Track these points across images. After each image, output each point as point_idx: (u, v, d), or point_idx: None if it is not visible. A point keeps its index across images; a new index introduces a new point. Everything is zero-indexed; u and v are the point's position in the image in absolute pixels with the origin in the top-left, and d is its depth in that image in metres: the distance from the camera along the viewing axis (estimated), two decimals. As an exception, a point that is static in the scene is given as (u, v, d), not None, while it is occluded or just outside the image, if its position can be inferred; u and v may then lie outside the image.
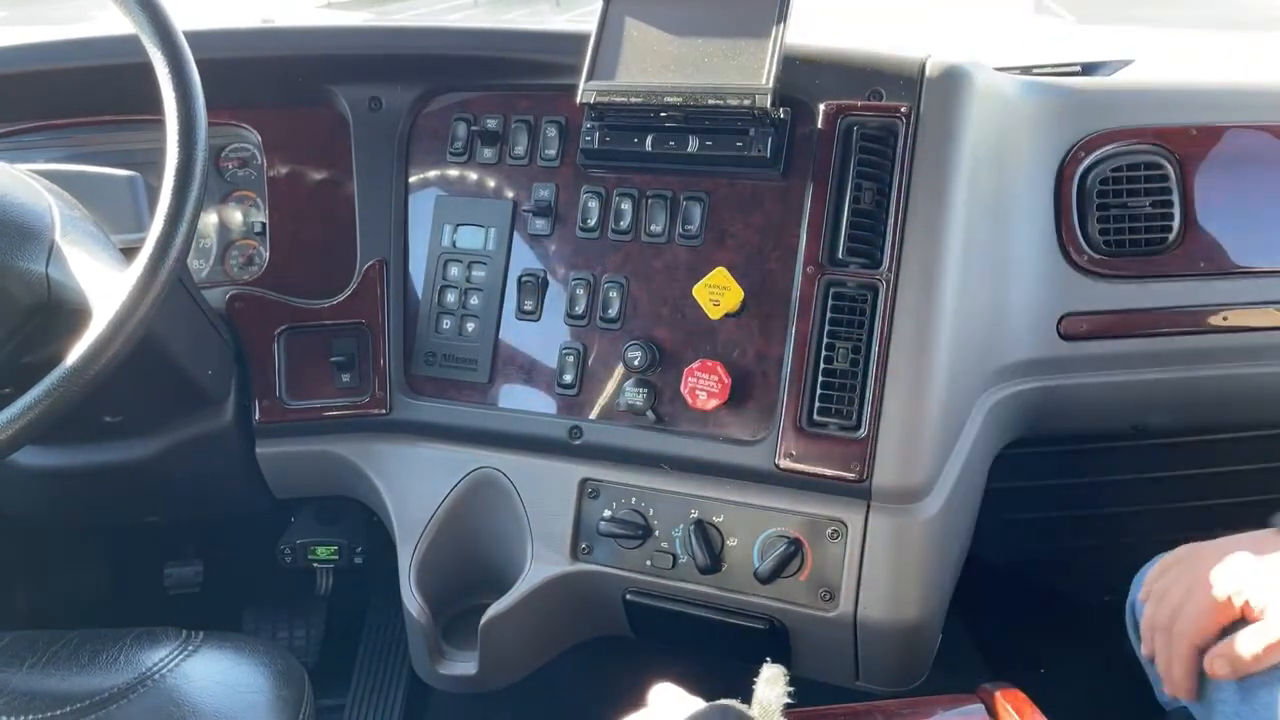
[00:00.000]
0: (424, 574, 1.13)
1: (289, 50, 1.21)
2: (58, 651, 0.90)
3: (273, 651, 0.96)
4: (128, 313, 0.78)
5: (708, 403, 1.02)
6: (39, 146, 1.23)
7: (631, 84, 1.01)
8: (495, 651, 1.10)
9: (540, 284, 1.12)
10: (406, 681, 1.49)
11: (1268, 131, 1.15)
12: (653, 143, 1.04)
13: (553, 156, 1.13)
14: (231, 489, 1.26)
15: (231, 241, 1.26)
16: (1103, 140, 1.11)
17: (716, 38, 1.00)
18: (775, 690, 0.61)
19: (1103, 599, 1.08)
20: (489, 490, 1.14)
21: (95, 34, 1.19)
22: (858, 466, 0.97)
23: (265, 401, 1.18)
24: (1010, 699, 0.77)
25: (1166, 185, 1.11)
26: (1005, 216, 1.06)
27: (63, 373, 0.77)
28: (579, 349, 1.10)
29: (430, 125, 1.19)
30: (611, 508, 1.08)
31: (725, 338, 1.04)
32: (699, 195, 1.06)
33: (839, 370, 0.98)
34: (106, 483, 1.21)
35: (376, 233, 1.19)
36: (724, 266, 1.04)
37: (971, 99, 1.00)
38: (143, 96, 0.88)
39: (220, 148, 1.25)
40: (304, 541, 1.39)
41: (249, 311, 1.17)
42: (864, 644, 1.02)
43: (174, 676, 0.87)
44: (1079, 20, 4.41)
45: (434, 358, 1.16)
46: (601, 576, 1.09)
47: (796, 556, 1.01)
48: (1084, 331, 1.11)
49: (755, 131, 1.01)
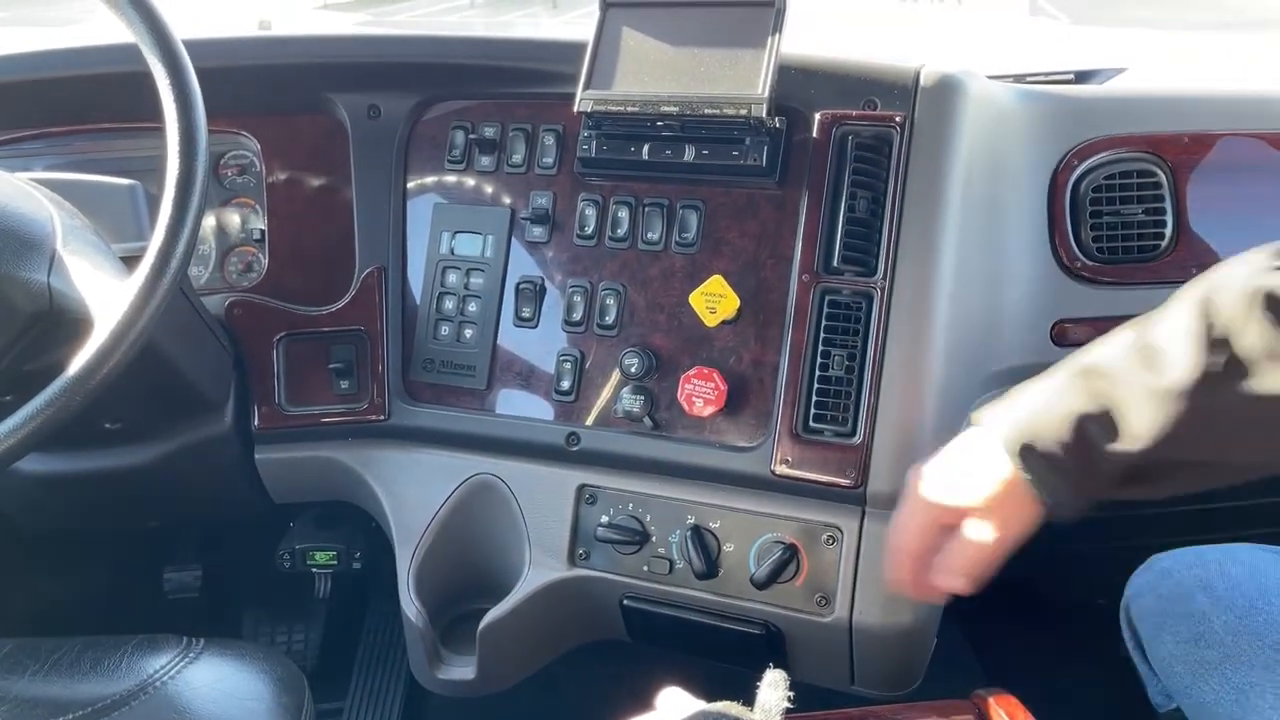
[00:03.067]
0: (422, 579, 1.14)
1: (288, 58, 1.22)
2: (60, 659, 0.90)
3: (273, 658, 0.96)
4: (129, 322, 0.78)
5: (704, 409, 1.03)
6: (39, 154, 1.24)
7: (628, 93, 1.02)
8: (493, 656, 1.11)
9: (538, 291, 1.13)
10: (405, 686, 1.50)
11: (1260, 139, 1.16)
12: (649, 151, 1.05)
13: (550, 164, 1.13)
14: (231, 494, 1.26)
15: (230, 248, 1.27)
16: (1096, 148, 1.12)
17: (713, 47, 1.00)
18: (776, 694, 0.62)
19: (1098, 603, 1.09)
20: (487, 496, 1.14)
21: (95, 42, 1.19)
22: (853, 473, 0.98)
23: (264, 408, 1.18)
24: (1004, 704, 0.77)
25: (1159, 193, 1.12)
26: (999, 224, 1.07)
27: (65, 382, 0.77)
28: (576, 356, 1.10)
29: (428, 133, 1.19)
30: (609, 513, 1.09)
31: (721, 345, 1.05)
32: (695, 203, 1.07)
33: (834, 377, 0.99)
34: (106, 488, 1.22)
35: (375, 240, 1.19)
36: (720, 274, 1.05)
37: (965, 108, 1.01)
38: (143, 104, 0.89)
39: (219, 155, 1.26)
40: (303, 547, 1.40)
41: (248, 318, 1.18)
42: (859, 649, 1.03)
43: (175, 684, 0.88)
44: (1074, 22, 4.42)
45: (432, 364, 1.17)
46: (599, 582, 1.09)
47: (792, 562, 1.02)
48: (1078, 338, 1.12)
49: (751, 140, 1.02)
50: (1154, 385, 0.71)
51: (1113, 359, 0.75)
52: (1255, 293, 0.70)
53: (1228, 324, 0.70)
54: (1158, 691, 0.97)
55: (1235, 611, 0.88)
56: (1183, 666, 0.89)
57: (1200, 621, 0.89)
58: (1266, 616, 0.86)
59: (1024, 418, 0.76)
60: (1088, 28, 4.05)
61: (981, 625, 1.54)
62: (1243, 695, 0.82)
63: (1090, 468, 0.74)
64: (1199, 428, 0.71)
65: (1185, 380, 0.70)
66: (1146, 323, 0.75)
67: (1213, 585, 0.91)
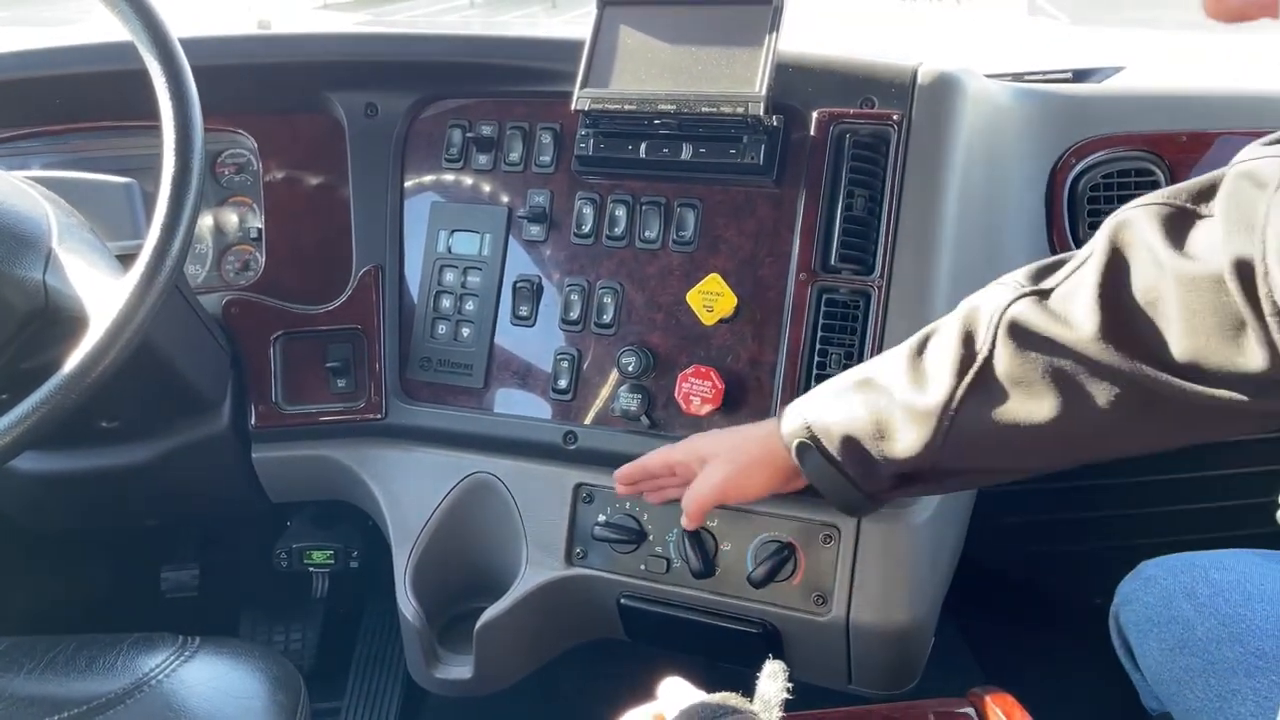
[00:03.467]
0: (419, 578, 1.14)
1: (285, 57, 1.22)
2: (55, 657, 0.90)
3: (269, 657, 0.96)
4: (125, 320, 0.78)
5: (701, 408, 1.03)
6: (36, 153, 1.24)
7: (625, 91, 1.02)
8: (490, 655, 1.11)
9: (535, 289, 1.13)
10: (402, 685, 1.49)
11: (1258, 138, 1.16)
12: (647, 149, 1.05)
13: (548, 163, 1.13)
14: (228, 493, 1.26)
15: (227, 247, 1.27)
16: (1094, 147, 1.12)
17: (710, 45, 1.00)
18: (775, 685, 0.62)
19: (1094, 602, 1.09)
20: (484, 495, 1.14)
21: (92, 40, 1.19)
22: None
23: (261, 406, 1.18)
24: (1000, 703, 0.77)
25: (1157, 191, 1.12)
26: (997, 222, 1.07)
27: (60, 379, 0.77)
28: (574, 354, 1.10)
29: (426, 131, 1.19)
30: (606, 512, 1.09)
31: (719, 343, 1.05)
32: (693, 202, 1.07)
33: (831, 376, 0.99)
34: (103, 487, 1.22)
35: (372, 238, 1.19)
36: (717, 273, 1.05)
37: (963, 106, 1.01)
38: (140, 102, 0.89)
39: (216, 153, 1.26)
40: (300, 546, 1.39)
41: (245, 317, 1.18)
42: (856, 648, 1.03)
43: (170, 682, 0.88)
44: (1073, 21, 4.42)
45: (429, 363, 1.17)
46: (596, 581, 1.09)
47: (789, 561, 1.01)
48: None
49: (748, 139, 1.02)
50: (917, 405, 0.76)
51: (889, 373, 0.79)
52: (1004, 319, 0.72)
53: (980, 348, 0.73)
54: (1149, 696, 0.97)
55: (1218, 618, 0.88)
56: (1168, 674, 0.89)
57: (1184, 628, 0.90)
58: (1249, 623, 0.86)
59: (812, 419, 0.82)
60: (1086, 27, 4.05)
61: (979, 624, 1.54)
62: (1225, 703, 0.82)
63: (867, 470, 0.80)
64: (959, 444, 0.75)
65: (940, 401, 0.74)
66: (924, 335, 0.79)
67: (1197, 592, 0.91)
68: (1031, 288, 0.73)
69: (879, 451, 0.79)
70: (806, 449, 0.82)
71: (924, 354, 0.78)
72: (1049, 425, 0.71)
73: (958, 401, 0.74)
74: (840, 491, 0.83)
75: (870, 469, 0.81)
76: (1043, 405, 0.70)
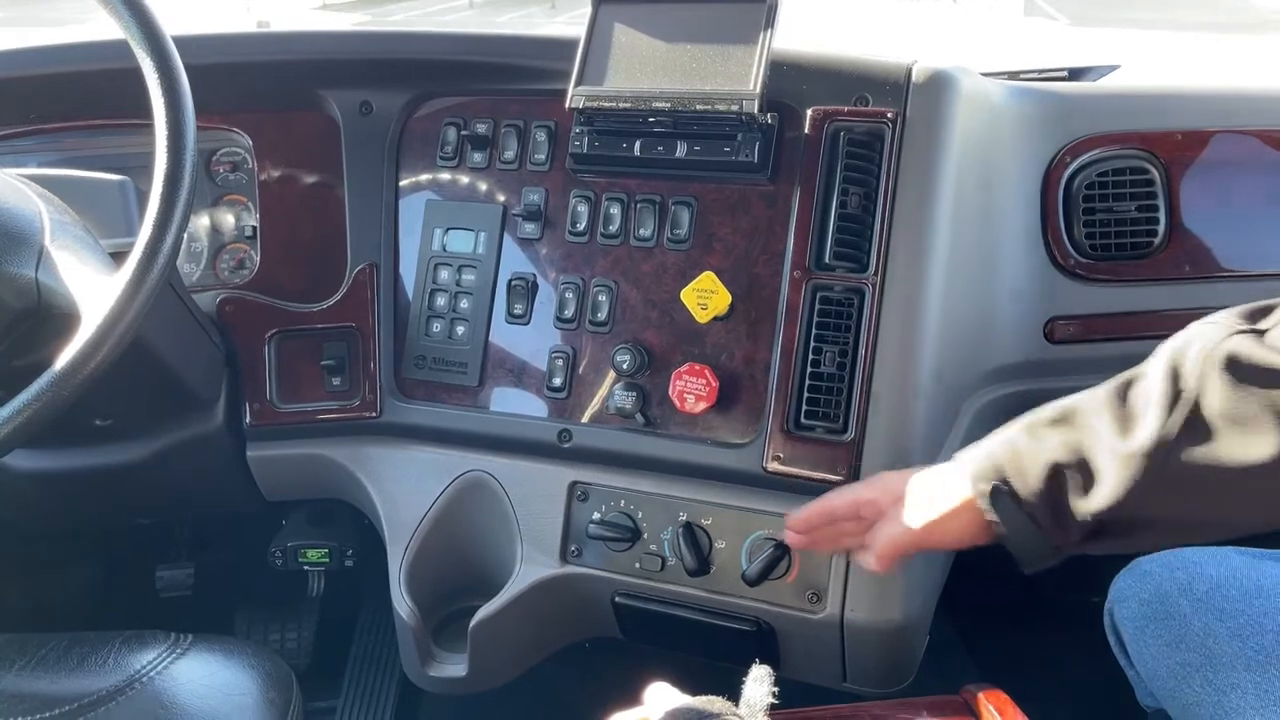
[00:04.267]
0: (414, 576, 1.13)
1: (280, 55, 1.22)
2: (46, 654, 0.90)
3: (261, 654, 0.96)
4: (116, 317, 0.78)
5: (696, 406, 1.03)
6: (30, 151, 1.24)
7: (620, 89, 1.02)
8: (485, 653, 1.11)
9: (530, 288, 1.12)
10: (397, 683, 1.49)
11: (1253, 136, 1.16)
12: (641, 147, 1.05)
13: (542, 161, 1.13)
14: (223, 492, 1.26)
15: (223, 245, 1.26)
16: (1089, 145, 1.12)
17: (705, 43, 1.00)
18: (761, 689, 0.62)
19: (1090, 600, 1.09)
20: (479, 493, 1.14)
21: (86, 39, 1.19)
22: (844, 469, 0.98)
23: (256, 404, 1.18)
24: (993, 700, 0.77)
25: (1152, 190, 1.12)
26: (992, 220, 1.07)
27: (52, 377, 0.77)
28: (568, 352, 1.10)
29: (421, 130, 1.19)
30: (601, 510, 1.09)
31: (713, 341, 1.05)
32: (687, 200, 1.07)
33: (826, 374, 0.99)
34: (98, 486, 1.22)
35: (367, 237, 1.19)
36: (712, 270, 1.05)
37: (957, 104, 1.01)
38: (134, 100, 0.88)
39: (211, 152, 1.26)
40: (295, 544, 1.39)
41: (240, 315, 1.18)
42: (850, 645, 1.03)
43: (162, 679, 0.88)
44: (1071, 22, 4.43)
45: (424, 361, 1.17)
46: (591, 579, 1.09)
47: (784, 559, 1.01)
48: (1071, 334, 1.12)
49: (743, 136, 1.01)
50: (1120, 447, 0.72)
51: (1088, 412, 0.75)
52: (1218, 355, 0.69)
53: (1191, 386, 0.70)
54: (1144, 693, 0.97)
55: (1215, 613, 0.88)
56: (1165, 669, 0.89)
57: (1181, 624, 0.90)
58: (1246, 618, 0.86)
59: (1001, 461, 0.77)
60: (1083, 27, 4.06)
61: (974, 621, 1.54)
62: (1224, 696, 0.83)
63: (1060, 518, 0.76)
64: (1164, 488, 0.71)
65: (1149, 441, 0.70)
66: (1125, 378, 0.75)
67: (1193, 588, 0.91)
68: (1247, 326, 0.70)
69: (1078, 495, 0.74)
70: (1000, 494, 0.77)
71: (1128, 395, 0.74)
72: (1266, 466, 0.67)
73: (1168, 441, 0.69)
74: (1028, 542, 0.77)
75: (1062, 516, 0.75)
76: (1261, 443, 0.67)
